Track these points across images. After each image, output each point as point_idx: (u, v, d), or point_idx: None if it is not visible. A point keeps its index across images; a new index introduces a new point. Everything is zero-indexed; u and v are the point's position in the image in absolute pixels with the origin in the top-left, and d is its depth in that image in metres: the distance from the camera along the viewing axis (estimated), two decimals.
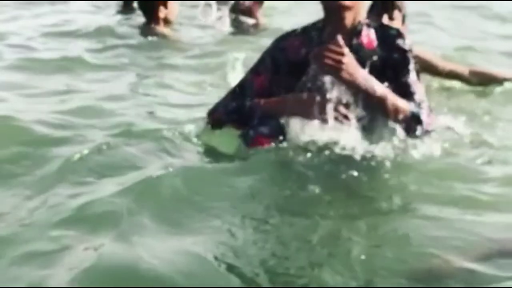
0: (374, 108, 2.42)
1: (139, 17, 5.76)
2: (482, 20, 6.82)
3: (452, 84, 3.96)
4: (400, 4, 3.81)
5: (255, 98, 2.59)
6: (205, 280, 1.77)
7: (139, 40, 5.31)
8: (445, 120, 2.73)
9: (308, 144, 2.45)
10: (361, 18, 2.54)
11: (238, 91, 2.67)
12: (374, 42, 2.52)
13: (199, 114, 2.93)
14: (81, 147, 2.74)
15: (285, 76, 2.56)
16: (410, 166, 2.41)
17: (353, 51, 2.39)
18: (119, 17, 6.39)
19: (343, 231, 2.04)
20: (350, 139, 2.43)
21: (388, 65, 2.48)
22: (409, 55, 2.52)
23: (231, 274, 1.80)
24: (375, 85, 2.40)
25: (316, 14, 2.60)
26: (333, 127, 2.42)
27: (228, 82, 3.68)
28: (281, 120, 2.50)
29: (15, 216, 2.21)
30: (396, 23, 3.67)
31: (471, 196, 2.28)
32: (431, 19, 6.46)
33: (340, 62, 2.33)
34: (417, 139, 2.46)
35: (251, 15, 5.96)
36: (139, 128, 2.97)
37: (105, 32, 5.54)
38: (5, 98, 3.61)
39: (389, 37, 2.53)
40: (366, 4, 2.90)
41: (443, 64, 3.93)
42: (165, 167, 2.43)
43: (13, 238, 2.03)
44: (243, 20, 5.94)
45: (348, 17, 2.47)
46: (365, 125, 2.45)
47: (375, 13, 3.70)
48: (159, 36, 5.31)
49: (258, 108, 2.55)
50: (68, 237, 2.01)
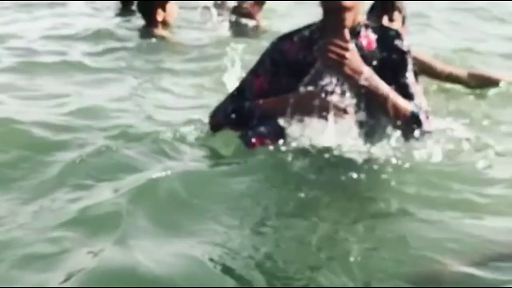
0: (375, 106, 2.43)
1: (138, 19, 5.76)
2: (480, 21, 6.83)
3: (451, 86, 3.96)
4: (400, 5, 3.80)
5: (255, 99, 2.58)
6: (204, 283, 1.77)
7: (138, 42, 5.32)
8: (444, 123, 2.73)
9: (307, 145, 2.45)
10: (360, 19, 2.54)
11: (237, 93, 2.67)
12: (373, 43, 2.52)
13: (198, 116, 2.93)
14: (80, 150, 2.74)
15: (285, 77, 2.56)
16: (410, 169, 2.40)
17: None
18: (118, 19, 6.39)
19: (341, 234, 2.04)
20: (350, 141, 2.43)
21: (387, 66, 2.49)
22: (407, 56, 2.52)
23: (230, 277, 1.80)
24: (378, 83, 2.40)
25: (315, 16, 2.60)
26: (333, 126, 2.42)
27: (227, 84, 3.68)
28: (280, 121, 2.50)
29: (14, 219, 2.21)
30: (396, 25, 3.67)
31: (471, 199, 2.28)
32: (429, 20, 6.47)
33: (344, 57, 2.34)
34: (416, 140, 2.47)
35: (251, 18, 5.96)
36: (138, 131, 2.97)
37: (104, 34, 5.54)
38: (4, 101, 3.61)
39: (388, 38, 2.53)
40: (365, 5, 2.90)
41: (442, 67, 3.93)
42: (164, 170, 2.42)
43: (12, 241, 2.03)
44: (243, 23, 5.94)
45: (348, 18, 2.47)
46: (365, 127, 2.45)
47: (375, 14, 3.71)
48: (158, 38, 5.31)
49: (257, 108, 2.55)
50: (67, 241, 2.01)
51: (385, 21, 3.70)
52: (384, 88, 2.41)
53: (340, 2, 2.43)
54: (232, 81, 3.66)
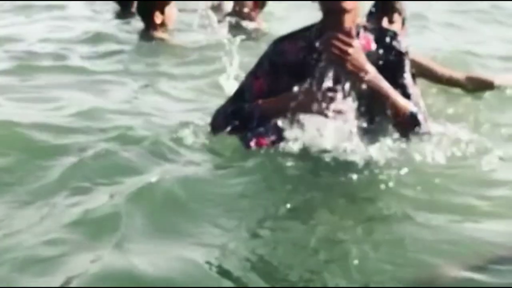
0: (375, 107, 2.43)
1: (137, 22, 5.76)
2: (479, 23, 6.83)
3: (450, 88, 3.96)
4: (400, 7, 3.80)
5: (254, 101, 2.58)
6: (202, 286, 1.77)
7: (137, 45, 5.31)
8: (443, 125, 2.72)
9: (306, 147, 2.45)
10: (359, 20, 2.55)
11: (237, 96, 2.67)
12: (372, 44, 2.52)
13: (197, 119, 2.93)
14: (79, 153, 2.74)
15: (284, 79, 2.56)
16: (409, 172, 2.40)
17: None
18: (117, 22, 6.38)
19: (340, 236, 2.03)
20: (349, 144, 2.43)
21: (385, 67, 2.49)
22: (404, 57, 2.53)
23: (228, 280, 1.80)
24: (380, 81, 2.41)
25: (313, 20, 2.60)
26: (332, 129, 2.42)
27: (226, 87, 3.68)
28: (280, 123, 2.50)
29: (13, 222, 2.21)
30: (396, 26, 3.67)
31: (470, 202, 2.28)
32: (428, 22, 6.46)
33: (347, 52, 2.34)
34: (415, 142, 2.47)
35: (251, 20, 5.95)
36: (137, 133, 2.96)
37: (103, 37, 5.53)
38: (3, 103, 3.60)
39: (386, 39, 2.54)
40: (364, 7, 2.91)
41: (440, 70, 3.92)
42: (163, 173, 2.43)
43: (10, 244, 2.03)
44: (243, 25, 5.93)
45: (347, 20, 2.47)
46: (365, 131, 2.45)
47: (375, 16, 3.71)
48: (157, 41, 5.31)
49: (257, 108, 2.55)
50: (66, 244, 2.01)
51: (385, 23, 3.70)
52: (387, 87, 2.42)
53: (340, 3, 2.43)
54: (231, 83, 3.66)
